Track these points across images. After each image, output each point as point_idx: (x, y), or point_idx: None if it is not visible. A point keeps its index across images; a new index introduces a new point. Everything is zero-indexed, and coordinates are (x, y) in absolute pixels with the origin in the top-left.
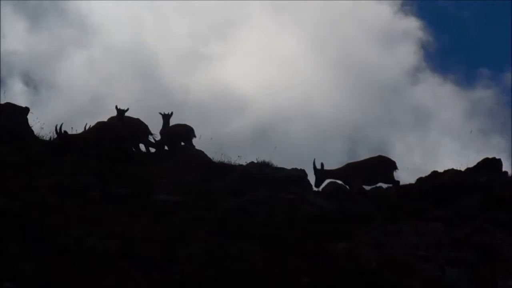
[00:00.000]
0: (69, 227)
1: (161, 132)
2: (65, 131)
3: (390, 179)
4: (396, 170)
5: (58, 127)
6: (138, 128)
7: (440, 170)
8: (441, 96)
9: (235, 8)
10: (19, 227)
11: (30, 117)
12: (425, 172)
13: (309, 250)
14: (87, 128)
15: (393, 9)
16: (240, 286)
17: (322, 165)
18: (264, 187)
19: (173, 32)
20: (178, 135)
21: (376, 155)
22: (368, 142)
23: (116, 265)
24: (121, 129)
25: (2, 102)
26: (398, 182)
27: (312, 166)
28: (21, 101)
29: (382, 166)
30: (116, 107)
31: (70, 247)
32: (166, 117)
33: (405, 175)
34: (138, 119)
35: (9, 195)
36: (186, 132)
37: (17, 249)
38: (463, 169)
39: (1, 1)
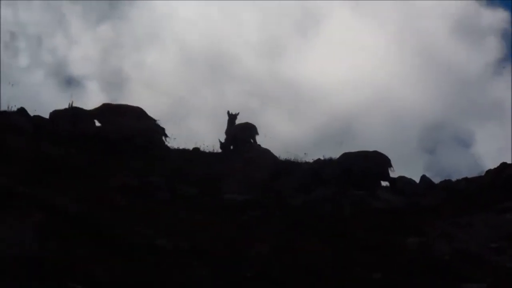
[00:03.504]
0: (140, 228)
1: (226, 132)
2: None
3: (384, 175)
4: (391, 169)
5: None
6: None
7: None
8: None
9: (315, 3)
10: (90, 228)
11: None
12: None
13: (379, 245)
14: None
15: (476, 1)
16: (310, 284)
17: None
18: (331, 183)
19: (249, 28)
20: (241, 134)
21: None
22: (447, 135)
23: (185, 263)
24: None
25: (73, 105)
26: (393, 182)
27: None
28: (96, 102)
29: (376, 161)
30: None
31: (140, 247)
32: (232, 117)
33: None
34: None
35: (80, 197)
36: (248, 131)
37: (88, 251)
38: None
39: (71, 1)
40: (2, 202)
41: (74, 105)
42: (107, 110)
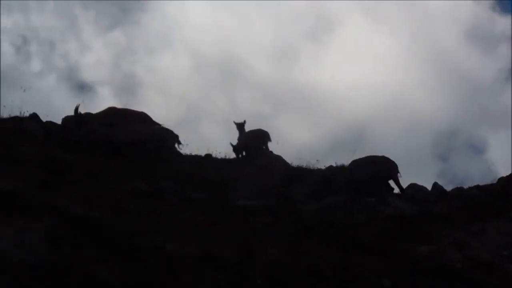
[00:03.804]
0: (147, 232)
1: (239, 138)
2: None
3: (395, 181)
4: (399, 174)
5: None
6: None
7: None
8: None
9: (329, 9)
10: (97, 233)
11: None
12: None
13: (389, 252)
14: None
15: (489, 7)
16: None
17: None
18: (343, 190)
19: (262, 34)
20: (253, 141)
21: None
22: (460, 142)
23: (193, 268)
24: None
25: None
26: (402, 189)
27: None
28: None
29: (384, 166)
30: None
31: (149, 251)
32: (239, 126)
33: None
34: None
35: (87, 201)
36: (261, 137)
37: (95, 255)
38: None
39: (84, 3)
40: (11, 205)
41: (83, 109)
42: (112, 114)
